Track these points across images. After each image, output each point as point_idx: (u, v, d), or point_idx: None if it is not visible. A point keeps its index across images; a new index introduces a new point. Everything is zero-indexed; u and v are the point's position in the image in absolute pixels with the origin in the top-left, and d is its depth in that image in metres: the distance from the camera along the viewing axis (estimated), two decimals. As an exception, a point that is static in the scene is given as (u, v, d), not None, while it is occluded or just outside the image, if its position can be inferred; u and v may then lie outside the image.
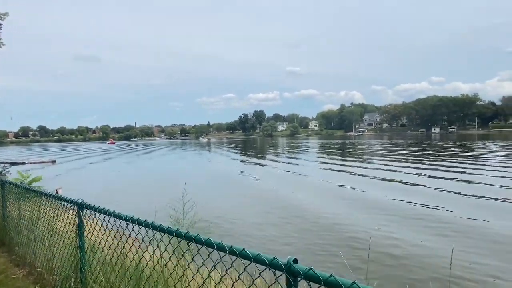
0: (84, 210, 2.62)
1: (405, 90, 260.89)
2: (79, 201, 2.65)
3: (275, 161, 26.65)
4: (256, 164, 24.37)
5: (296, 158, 25.65)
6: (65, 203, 2.91)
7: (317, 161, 22.74)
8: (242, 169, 20.95)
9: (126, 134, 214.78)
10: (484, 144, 40.66)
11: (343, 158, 26.83)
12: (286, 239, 7.69)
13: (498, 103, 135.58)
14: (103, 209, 2.37)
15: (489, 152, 27.81)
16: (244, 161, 26.77)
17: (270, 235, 7.68)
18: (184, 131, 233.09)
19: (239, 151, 44.92)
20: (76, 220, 2.71)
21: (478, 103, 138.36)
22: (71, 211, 2.83)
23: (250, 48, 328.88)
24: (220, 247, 1.44)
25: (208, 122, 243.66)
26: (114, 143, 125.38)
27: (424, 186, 12.41)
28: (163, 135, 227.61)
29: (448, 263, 3.22)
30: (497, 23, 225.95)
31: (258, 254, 1.24)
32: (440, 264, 5.50)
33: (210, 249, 1.46)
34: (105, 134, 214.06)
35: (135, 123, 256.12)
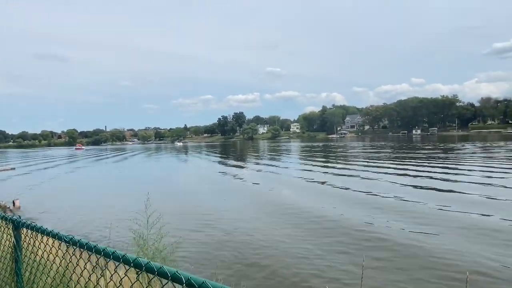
0: (24, 230, 2.42)
1: (386, 91, 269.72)
2: (15, 218, 2.42)
3: (257, 164, 26.65)
4: (235, 171, 24.28)
5: (277, 165, 25.78)
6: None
7: (299, 168, 22.90)
8: (220, 175, 20.79)
9: (95, 138, 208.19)
10: (462, 145, 42.48)
11: (325, 163, 27.21)
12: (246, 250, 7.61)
13: (477, 104, 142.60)
14: (40, 227, 2.19)
15: (467, 154, 29.01)
16: (223, 168, 26.64)
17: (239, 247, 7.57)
18: (159, 135, 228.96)
19: (218, 156, 44.62)
20: (13, 241, 2.49)
21: (457, 104, 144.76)
22: (6, 230, 2.60)
23: (229, 48, 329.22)
24: (136, 264, 1.32)
25: (185, 125, 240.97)
26: (82, 148, 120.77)
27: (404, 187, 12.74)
28: (136, 140, 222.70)
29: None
30: (472, 26, 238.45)
31: (189, 278, 1.08)
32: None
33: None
34: (71, 139, 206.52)
35: (105, 126, 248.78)
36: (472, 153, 29.46)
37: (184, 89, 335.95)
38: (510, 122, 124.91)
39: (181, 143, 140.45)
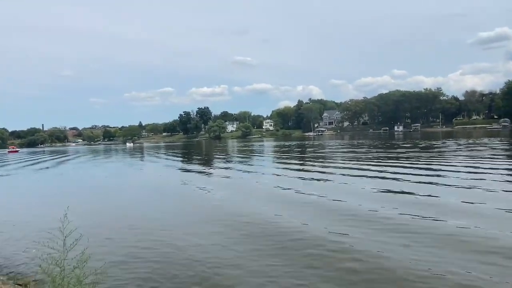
0: None
1: (366, 84, 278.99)
2: None
3: (225, 169, 26.46)
4: (196, 178, 24.01)
5: (247, 170, 25.80)
6: None
7: (271, 173, 23.01)
8: (178, 184, 20.40)
9: (30, 139, 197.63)
10: (443, 143, 44.69)
11: (301, 165, 27.51)
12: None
13: (461, 98, 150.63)
14: None
15: (449, 153, 30.46)
16: (182, 176, 26.24)
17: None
18: (109, 134, 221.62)
19: (177, 160, 43.90)
20: None
21: (441, 98, 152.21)
22: None
23: (192, 33, 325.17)
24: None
25: (140, 122, 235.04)
26: (16, 151, 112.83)
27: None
28: (80, 140, 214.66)
29: None
30: (456, 13, 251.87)
31: None
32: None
33: None
34: (0, 140, 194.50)
35: (42, 125, 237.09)
36: (454, 151, 30.99)
37: (139, 80, 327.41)
38: (495, 117, 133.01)
39: (131, 144, 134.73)
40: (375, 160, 26.09)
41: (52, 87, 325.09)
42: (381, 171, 19.43)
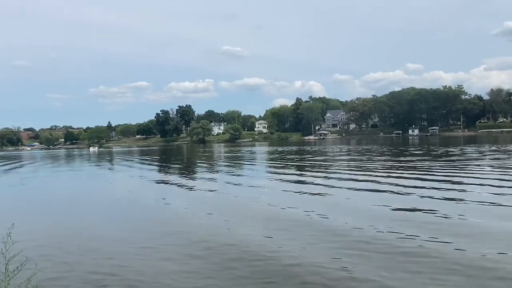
0: None
1: (375, 80, 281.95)
2: None
3: (210, 181, 26.15)
4: (175, 196, 23.72)
5: (235, 183, 25.59)
6: None
7: (263, 192, 22.80)
8: (151, 204, 20.08)
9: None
10: (462, 150, 45.05)
11: (299, 176, 27.39)
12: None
13: (486, 97, 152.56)
14: None
15: (471, 161, 30.53)
16: (155, 192, 25.93)
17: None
18: (71, 137, 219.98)
19: (152, 167, 43.39)
20: None
21: (462, 97, 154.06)
22: None
23: (171, 18, 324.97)
24: None
25: (109, 122, 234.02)
26: None
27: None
28: (36, 144, 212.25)
29: None
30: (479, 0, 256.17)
31: None
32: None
33: None
34: None
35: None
36: (477, 160, 31.15)
37: (108, 73, 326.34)
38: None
39: (95, 149, 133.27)
40: (387, 171, 25.98)
41: (2, 79, 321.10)
42: (395, 184, 19.28)
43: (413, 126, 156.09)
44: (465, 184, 18.72)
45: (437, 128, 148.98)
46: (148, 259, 9.47)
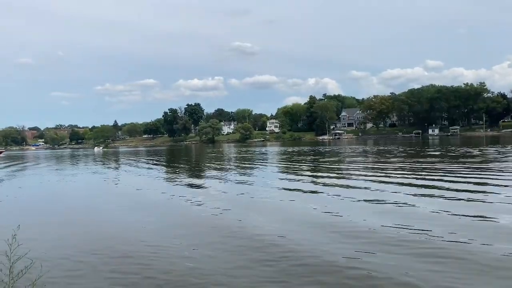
0: None
1: (393, 77, 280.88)
2: None
3: (218, 182, 26.21)
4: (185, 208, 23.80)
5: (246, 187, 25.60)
6: None
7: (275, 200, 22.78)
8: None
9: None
10: (481, 150, 44.43)
11: (314, 178, 27.32)
12: None
13: (510, 95, 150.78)
14: None
15: (495, 162, 30.15)
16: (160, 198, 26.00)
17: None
18: (77, 136, 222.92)
19: (160, 168, 43.57)
20: None
21: (485, 95, 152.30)
22: None
23: (180, 14, 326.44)
24: None
25: (115, 121, 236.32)
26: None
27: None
28: (41, 143, 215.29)
29: None
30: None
31: None
32: None
33: None
34: None
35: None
36: (501, 161, 30.72)
37: (114, 71, 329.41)
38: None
39: (100, 149, 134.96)
40: (416, 173, 25.77)
41: (6, 78, 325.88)
42: (422, 186, 19.12)
43: (433, 125, 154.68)
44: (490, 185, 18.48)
45: (458, 127, 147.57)
46: (164, 258, 9.55)
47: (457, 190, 17.98)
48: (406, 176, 24.47)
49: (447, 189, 18.60)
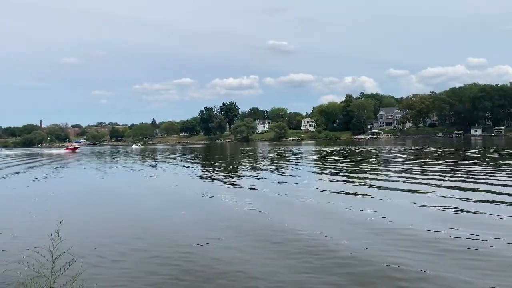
0: None
1: (434, 75, 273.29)
2: None
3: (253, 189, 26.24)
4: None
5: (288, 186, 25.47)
6: None
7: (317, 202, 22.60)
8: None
9: (26, 138, 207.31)
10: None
11: (356, 180, 26.91)
12: None
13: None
14: None
15: None
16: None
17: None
18: (116, 134, 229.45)
19: (197, 166, 44.11)
20: None
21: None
22: None
23: (215, 13, 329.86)
24: None
25: (153, 120, 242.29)
26: (74, 148, 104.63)
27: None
28: (83, 140, 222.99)
29: None
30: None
31: None
32: None
33: None
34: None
35: (41, 121, 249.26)
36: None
37: (152, 70, 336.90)
38: None
39: (138, 146, 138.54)
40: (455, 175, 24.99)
41: (51, 77, 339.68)
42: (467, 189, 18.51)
43: (476, 125, 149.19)
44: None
45: (503, 128, 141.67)
46: (206, 253, 9.60)
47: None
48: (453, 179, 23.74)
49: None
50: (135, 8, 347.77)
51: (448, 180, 22.68)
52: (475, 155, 44.24)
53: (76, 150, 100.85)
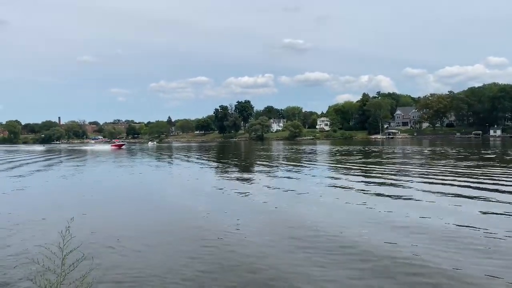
0: None
1: (452, 75, 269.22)
2: None
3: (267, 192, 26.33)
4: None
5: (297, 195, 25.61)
6: None
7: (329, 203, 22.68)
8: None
9: (46, 134, 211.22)
10: None
11: (370, 184, 26.81)
12: None
13: None
14: None
15: None
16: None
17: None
18: (133, 131, 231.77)
19: (212, 163, 44.39)
20: None
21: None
22: None
23: (231, 11, 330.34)
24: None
25: (169, 117, 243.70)
26: (121, 145, 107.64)
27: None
28: (100, 137, 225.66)
29: None
30: None
31: None
32: None
33: None
34: (13, 134, 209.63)
35: (59, 118, 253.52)
36: None
37: (168, 68, 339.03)
38: None
39: (154, 143, 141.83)
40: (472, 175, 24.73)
41: (69, 74, 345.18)
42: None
43: (495, 126, 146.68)
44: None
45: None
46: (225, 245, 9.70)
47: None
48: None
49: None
50: (152, 7, 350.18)
51: (484, 184, 22.42)
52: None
53: (123, 147, 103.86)
